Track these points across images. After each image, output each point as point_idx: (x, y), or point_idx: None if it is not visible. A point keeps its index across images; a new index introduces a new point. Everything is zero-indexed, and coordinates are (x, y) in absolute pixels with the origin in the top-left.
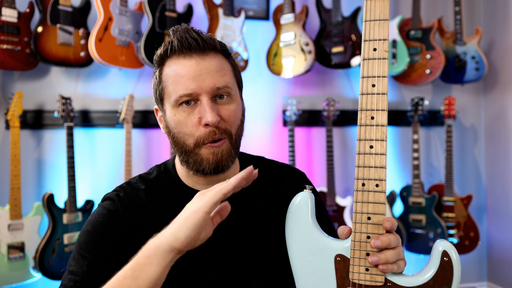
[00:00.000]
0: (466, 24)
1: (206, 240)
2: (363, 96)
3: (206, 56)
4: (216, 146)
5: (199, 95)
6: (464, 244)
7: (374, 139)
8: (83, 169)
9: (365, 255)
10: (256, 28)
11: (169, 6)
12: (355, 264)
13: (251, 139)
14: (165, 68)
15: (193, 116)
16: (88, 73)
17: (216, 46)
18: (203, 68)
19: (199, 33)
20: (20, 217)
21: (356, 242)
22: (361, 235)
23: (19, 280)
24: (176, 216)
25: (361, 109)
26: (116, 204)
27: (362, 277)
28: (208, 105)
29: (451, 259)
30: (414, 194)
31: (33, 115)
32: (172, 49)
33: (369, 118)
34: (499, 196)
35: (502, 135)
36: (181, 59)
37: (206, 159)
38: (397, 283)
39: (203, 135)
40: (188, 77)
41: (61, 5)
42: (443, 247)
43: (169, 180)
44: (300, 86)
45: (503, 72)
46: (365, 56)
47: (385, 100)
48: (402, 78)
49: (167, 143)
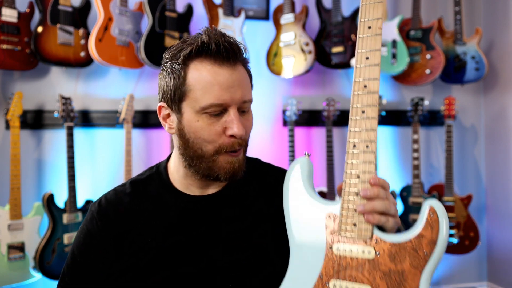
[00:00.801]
0: (466, 24)
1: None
2: (357, 68)
3: (236, 66)
4: (235, 156)
5: (228, 106)
6: (464, 244)
7: (366, 104)
8: (83, 169)
9: (354, 211)
10: (256, 28)
11: (169, 6)
12: (344, 219)
13: (251, 139)
14: (192, 69)
15: (217, 125)
16: (88, 73)
17: (243, 57)
18: (235, 79)
19: (233, 41)
20: (20, 217)
21: (345, 199)
22: (350, 192)
23: (19, 280)
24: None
25: (355, 80)
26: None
27: (349, 232)
28: (237, 118)
29: (437, 216)
30: (414, 194)
31: (33, 115)
32: (208, 52)
33: (362, 87)
34: (499, 196)
35: (502, 135)
36: (213, 65)
37: (223, 168)
38: (382, 238)
39: (227, 144)
40: (221, 87)
41: (61, 5)
42: (430, 204)
43: (160, 182)
44: (300, 86)
45: (503, 72)
46: (360, 34)
47: (377, 70)
48: (402, 78)
49: (167, 143)
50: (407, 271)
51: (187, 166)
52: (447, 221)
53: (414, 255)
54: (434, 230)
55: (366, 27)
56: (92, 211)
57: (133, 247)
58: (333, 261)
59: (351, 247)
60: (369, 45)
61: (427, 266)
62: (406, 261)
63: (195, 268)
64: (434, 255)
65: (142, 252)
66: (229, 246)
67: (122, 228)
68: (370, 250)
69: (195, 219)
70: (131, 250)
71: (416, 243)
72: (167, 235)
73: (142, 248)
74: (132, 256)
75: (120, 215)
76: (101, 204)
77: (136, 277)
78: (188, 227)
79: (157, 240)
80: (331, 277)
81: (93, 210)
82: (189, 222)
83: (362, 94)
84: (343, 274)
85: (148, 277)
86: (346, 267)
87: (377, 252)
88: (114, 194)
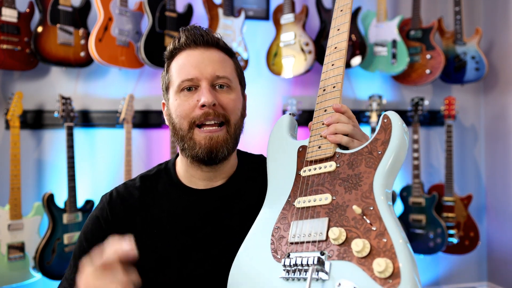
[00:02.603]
0: (466, 24)
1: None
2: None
3: (208, 49)
4: (212, 132)
5: (199, 81)
6: (464, 244)
7: (335, 59)
8: (83, 169)
9: (320, 137)
10: (256, 28)
11: (169, 6)
12: (311, 145)
13: (251, 139)
14: (173, 62)
15: (191, 100)
16: (88, 73)
17: (219, 43)
18: (205, 57)
19: (206, 30)
20: (20, 217)
21: (313, 129)
22: (317, 124)
23: (19, 280)
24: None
25: (328, 46)
26: (105, 209)
27: (315, 153)
28: (206, 89)
29: (390, 119)
30: (414, 194)
31: (33, 115)
32: (180, 44)
33: (333, 48)
34: (499, 196)
35: (502, 135)
36: (187, 51)
37: (199, 143)
38: (343, 152)
39: (197, 115)
40: (190, 64)
41: (61, 5)
42: (385, 113)
43: (167, 178)
44: (300, 86)
45: (503, 72)
46: (334, 16)
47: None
48: (402, 78)
49: (167, 143)
50: (363, 172)
51: (181, 152)
52: (401, 123)
53: (369, 157)
54: (387, 132)
55: (339, 11)
56: (103, 202)
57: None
58: (300, 183)
59: (315, 166)
60: (340, 21)
61: (381, 163)
62: (362, 164)
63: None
64: (387, 152)
65: (148, 243)
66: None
67: (130, 220)
68: (331, 164)
69: (199, 212)
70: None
71: (371, 146)
72: (173, 227)
73: (148, 240)
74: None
75: (129, 208)
76: (112, 196)
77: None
78: (193, 220)
79: (163, 232)
80: (296, 197)
81: (104, 200)
82: (193, 214)
83: (332, 53)
84: (307, 191)
85: (154, 268)
86: (310, 185)
87: (337, 164)
88: (124, 188)
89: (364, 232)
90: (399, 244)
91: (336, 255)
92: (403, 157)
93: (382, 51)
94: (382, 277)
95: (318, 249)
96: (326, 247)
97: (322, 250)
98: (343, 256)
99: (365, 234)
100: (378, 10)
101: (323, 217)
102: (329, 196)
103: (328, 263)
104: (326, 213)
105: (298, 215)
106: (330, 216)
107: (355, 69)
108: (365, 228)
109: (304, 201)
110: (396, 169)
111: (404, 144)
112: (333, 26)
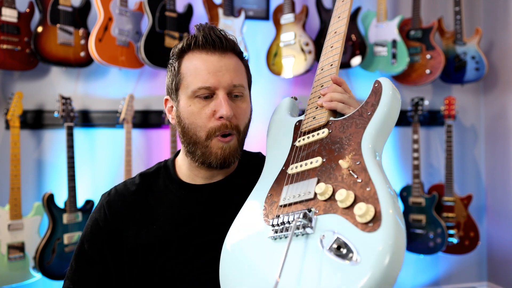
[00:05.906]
0: (466, 24)
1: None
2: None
3: (226, 54)
4: (226, 141)
5: (216, 89)
6: (464, 244)
7: (334, 41)
8: (83, 169)
9: (315, 109)
10: (256, 28)
11: (169, 6)
12: (307, 116)
13: (251, 139)
14: (185, 61)
15: (207, 109)
16: (88, 73)
17: (235, 48)
18: (223, 65)
19: (223, 33)
20: (20, 217)
21: (309, 102)
22: (314, 97)
23: (19, 280)
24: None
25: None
26: (102, 209)
27: (309, 124)
28: (224, 99)
29: (381, 84)
30: (414, 194)
31: (33, 115)
32: (196, 44)
33: (333, 33)
34: (499, 196)
35: (502, 135)
36: (203, 54)
37: (215, 153)
38: (336, 119)
39: (216, 127)
40: (208, 71)
41: (61, 5)
42: (376, 79)
43: (166, 175)
44: (300, 86)
45: (503, 72)
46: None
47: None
48: (402, 78)
49: (167, 143)
50: (352, 132)
51: (187, 154)
52: (391, 86)
53: (359, 119)
54: (378, 94)
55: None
56: (101, 201)
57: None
58: (294, 152)
59: (309, 135)
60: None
61: (370, 123)
62: (353, 126)
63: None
64: (376, 112)
65: (148, 240)
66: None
67: (129, 217)
68: (324, 130)
69: (198, 205)
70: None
71: (362, 109)
72: (171, 222)
73: (148, 235)
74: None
75: (128, 204)
76: (110, 194)
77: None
78: (191, 213)
79: (162, 228)
80: (289, 164)
81: (102, 199)
82: (192, 208)
83: (332, 37)
84: (300, 158)
85: (154, 264)
86: (303, 152)
87: (329, 130)
88: (124, 186)
89: (350, 185)
90: (382, 189)
91: (323, 209)
92: (395, 117)
93: (382, 51)
94: (363, 221)
95: (306, 207)
96: (314, 204)
97: (309, 207)
98: (329, 209)
99: (351, 187)
100: (378, 10)
101: (313, 178)
102: (320, 158)
103: (315, 218)
104: (317, 174)
105: (289, 180)
106: (319, 176)
107: (355, 69)
108: (351, 181)
109: (297, 167)
110: (386, 129)
111: (394, 104)
112: (334, 15)
